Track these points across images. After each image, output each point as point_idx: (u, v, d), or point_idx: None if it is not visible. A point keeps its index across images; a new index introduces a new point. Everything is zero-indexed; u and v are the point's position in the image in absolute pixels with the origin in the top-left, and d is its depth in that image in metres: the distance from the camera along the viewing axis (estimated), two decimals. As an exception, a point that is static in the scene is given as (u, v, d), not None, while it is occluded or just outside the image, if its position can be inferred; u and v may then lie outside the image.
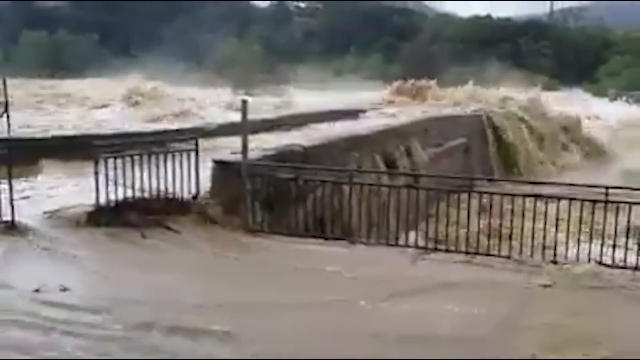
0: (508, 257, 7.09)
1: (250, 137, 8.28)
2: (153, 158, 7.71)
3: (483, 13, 75.49)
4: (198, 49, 53.39)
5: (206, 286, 6.01)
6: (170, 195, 7.86)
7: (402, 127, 15.52)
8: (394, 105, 23.99)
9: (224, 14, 66.07)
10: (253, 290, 5.80)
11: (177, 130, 12.23)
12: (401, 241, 7.67)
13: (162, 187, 7.77)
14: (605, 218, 6.93)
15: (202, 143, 8.32)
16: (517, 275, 6.52)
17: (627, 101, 40.91)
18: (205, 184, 8.21)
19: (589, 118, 29.76)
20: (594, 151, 26.13)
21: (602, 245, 6.94)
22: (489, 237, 7.41)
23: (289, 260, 6.88)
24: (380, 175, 10.16)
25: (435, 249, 7.45)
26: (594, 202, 6.98)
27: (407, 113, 19.79)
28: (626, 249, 6.89)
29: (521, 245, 7.14)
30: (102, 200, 7.34)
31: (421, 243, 7.67)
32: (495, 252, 7.26)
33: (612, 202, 6.89)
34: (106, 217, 7.35)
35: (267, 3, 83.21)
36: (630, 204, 6.89)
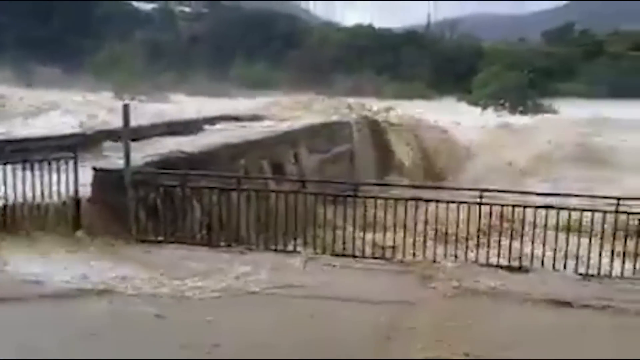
0: (391, 260, 7.37)
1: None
2: (28, 166, 7.30)
3: (366, 23, 77.96)
4: (77, 52, 50.95)
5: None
6: (47, 204, 7.47)
7: (290, 134, 15.67)
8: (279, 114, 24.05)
9: (105, 16, 63.56)
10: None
11: (57, 137, 11.57)
12: (290, 247, 7.74)
13: (38, 196, 7.37)
14: (479, 219, 7.37)
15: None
16: (402, 275, 6.79)
17: (499, 108, 43.49)
18: (86, 192, 7.87)
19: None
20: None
21: (477, 244, 7.39)
22: (373, 240, 7.65)
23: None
24: (268, 181, 10.19)
25: (323, 253, 7.57)
26: (469, 204, 7.42)
27: (294, 121, 19.95)
28: (499, 248, 7.38)
29: (404, 247, 7.43)
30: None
31: (309, 248, 7.76)
32: (380, 255, 7.52)
33: (486, 204, 7.35)
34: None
35: (150, 6, 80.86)
36: (502, 205, 7.40)
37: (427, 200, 7.62)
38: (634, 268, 7.14)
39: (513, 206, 7.40)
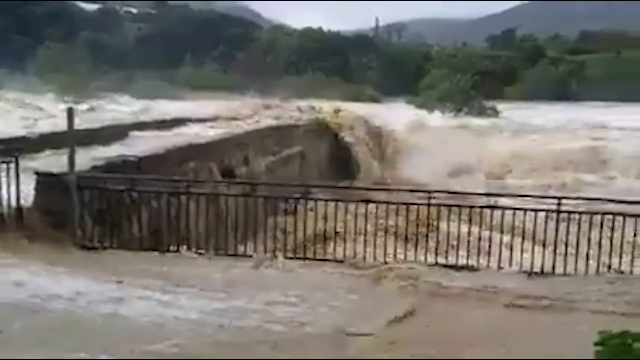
0: (342, 261, 7.40)
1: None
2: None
3: (316, 26, 78.09)
4: (19, 53, 49.39)
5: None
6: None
7: (239, 137, 15.55)
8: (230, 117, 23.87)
9: (47, 16, 61.76)
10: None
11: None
12: (240, 251, 7.68)
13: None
14: (428, 220, 7.50)
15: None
16: (355, 278, 6.83)
17: (445, 110, 44.21)
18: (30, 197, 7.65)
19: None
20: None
21: (426, 245, 7.51)
22: (324, 242, 7.68)
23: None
24: (217, 185, 10.09)
25: (274, 257, 7.54)
26: (418, 205, 7.53)
27: (245, 123, 19.84)
28: (447, 248, 7.51)
29: (354, 248, 7.48)
30: None
31: (260, 251, 7.72)
32: (330, 257, 7.55)
33: (434, 205, 7.47)
34: None
35: (95, 6, 79.00)
36: (449, 206, 7.54)
37: (377, 202, 7.69)
38: (576, 264, 7.37)
39: (459, 207, 7.56)
